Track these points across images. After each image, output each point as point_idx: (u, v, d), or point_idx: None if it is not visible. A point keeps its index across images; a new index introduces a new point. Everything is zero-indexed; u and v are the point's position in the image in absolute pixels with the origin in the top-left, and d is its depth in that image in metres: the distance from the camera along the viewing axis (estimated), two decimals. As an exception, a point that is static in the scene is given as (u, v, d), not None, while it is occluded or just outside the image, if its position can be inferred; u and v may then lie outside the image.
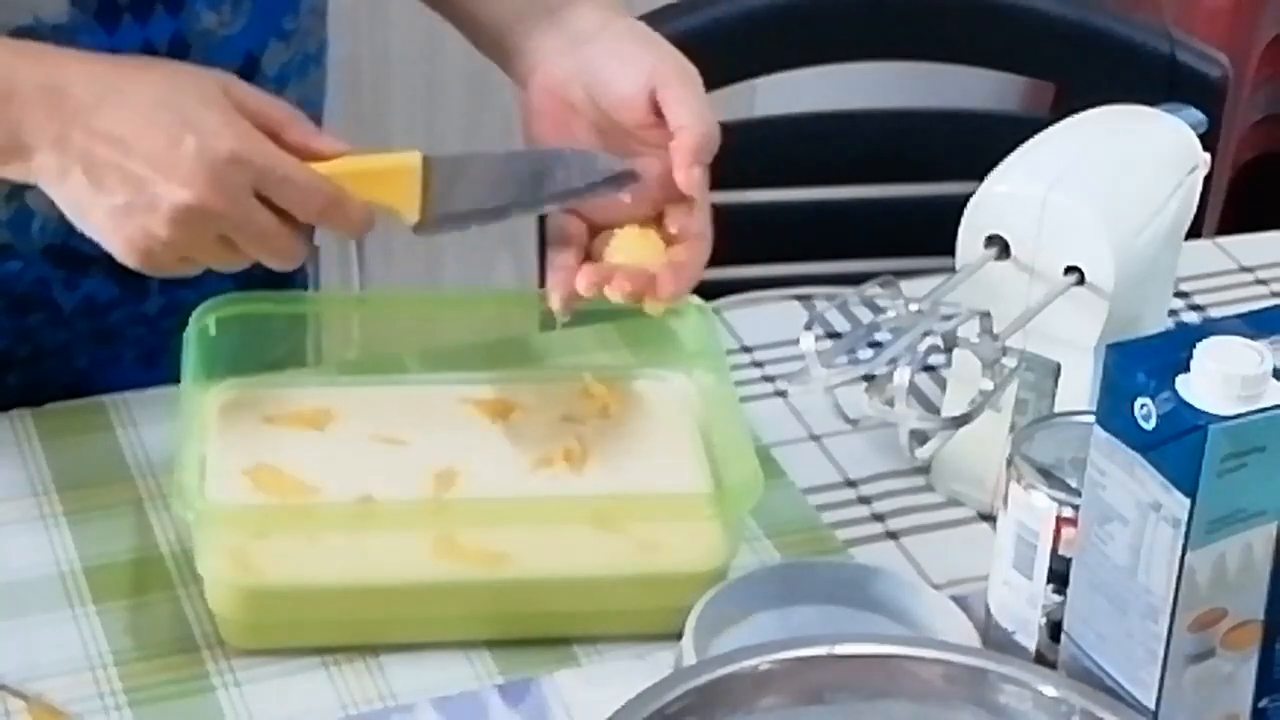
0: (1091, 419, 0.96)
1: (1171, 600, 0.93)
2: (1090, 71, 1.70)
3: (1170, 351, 0.92)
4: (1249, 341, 0.92)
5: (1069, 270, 1.14)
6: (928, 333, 1.12)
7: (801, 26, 1.70)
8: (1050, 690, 0.93)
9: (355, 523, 1.11)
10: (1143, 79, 1.69)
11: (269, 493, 1.13)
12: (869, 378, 1.12)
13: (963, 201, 1.17)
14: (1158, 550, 0.93)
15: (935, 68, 1.74)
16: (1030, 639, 1.06)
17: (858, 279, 1.20)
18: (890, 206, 1.78)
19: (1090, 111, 1.25)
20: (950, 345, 1.14)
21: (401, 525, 1.11)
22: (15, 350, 1.30)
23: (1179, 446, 0.90)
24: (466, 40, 1.29)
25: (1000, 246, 1.16)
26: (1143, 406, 0.92)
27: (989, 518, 1.19)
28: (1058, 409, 1.16)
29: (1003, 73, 1.84)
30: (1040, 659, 1.05)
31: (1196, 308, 1.42)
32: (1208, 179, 1.26)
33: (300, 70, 1.31)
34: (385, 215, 1.11)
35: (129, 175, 1.06)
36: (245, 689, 1.08)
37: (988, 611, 1.08)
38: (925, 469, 1.23)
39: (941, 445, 1.15)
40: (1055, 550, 1.03)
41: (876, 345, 1.16)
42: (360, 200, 1.10)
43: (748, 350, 1.35)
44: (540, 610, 1.12)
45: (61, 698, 1.06)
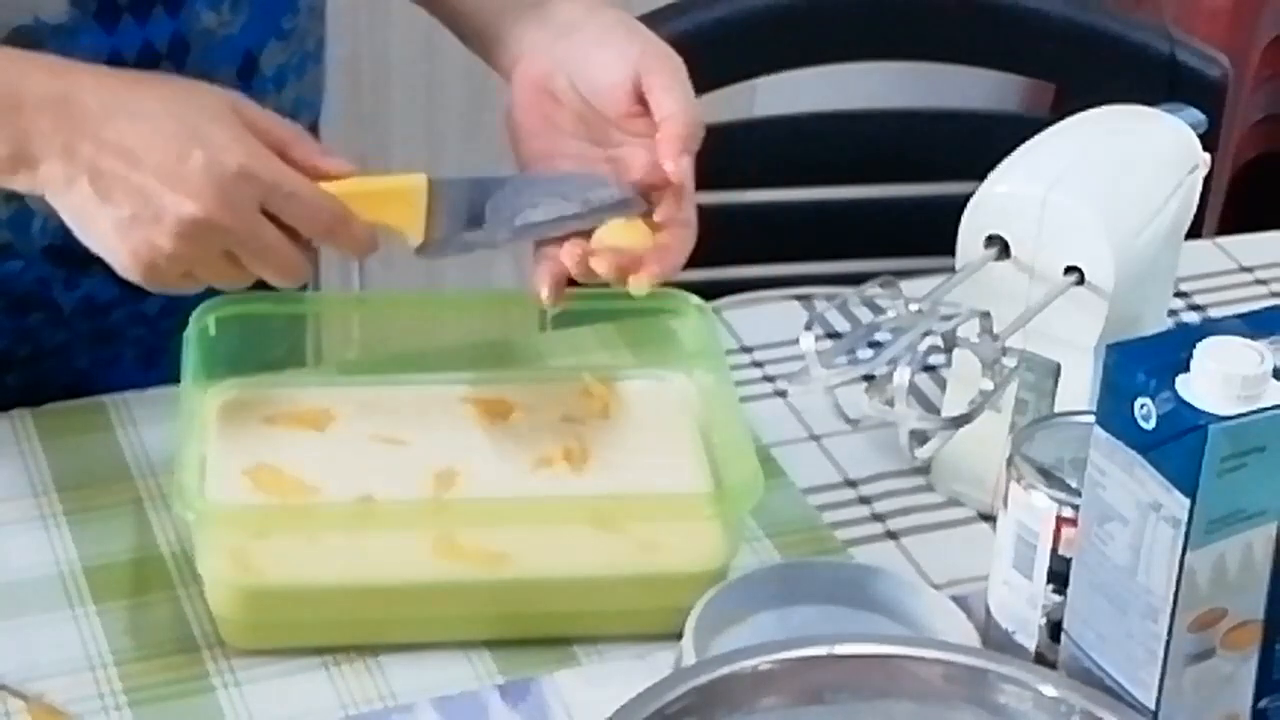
0: (1091, 419, 0.96)
1: (1171, 600, 0.93)
2: (1090, 71, 1.70)
3: (1170, 351, 0.92)
4: (1249, 341, 0.92)
5: (1069, 270, 1.14)
6: (928, 333, 1.12)
7: (801, 26, 1.70)
8: (1050, 690, 0.93)
9: (355, 523, 1.11)
10: (1143, 79, 1.69)
11: (269, 493, 1.13)
12: (869, 378, 1.12)
13: (963, 201, 1.17)
14: (1158, 550, 0.93)
15: (935, 68, 1.74)
16: (1030, 639, 1.05)
17: (858, 279, 1.20)
18: (890, 206, 1.78)
19: (1090, 111, 1.25)
20: (950, 345, 1.14)
21: (401, 525, 1.11)
22: (15, 350, 1.30)
23: (1179, 446, 0.90)
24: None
25: (1000, 246, 1.16)
26: (1143, 406, 0.92)
27: (989, 518, 1.19)
28: (1058, 409, 1.16)
29: (1003, 73, 1.84)
30: (1040, 659, 1.04)
31: (1196, 308, 1.42)
32: (1208, 179, 1.26)
33: (299, 69, 1.31)
34: (389, 236, 1.12)
35: (136, 187, 1.05)
36: (245, 689, 1.08)
37: (988, 611, 1.08)
38: (925, 469, 1.23)
39: (941, 445, 1.15)
40: (1055, 550, 1.03)
41: (876, 345, 1.16)
42: (365, 220, 1.10)
43: (748, 350, 1.35)
44: (540, 610, 1.12)
45: (61, 698, 1.06)
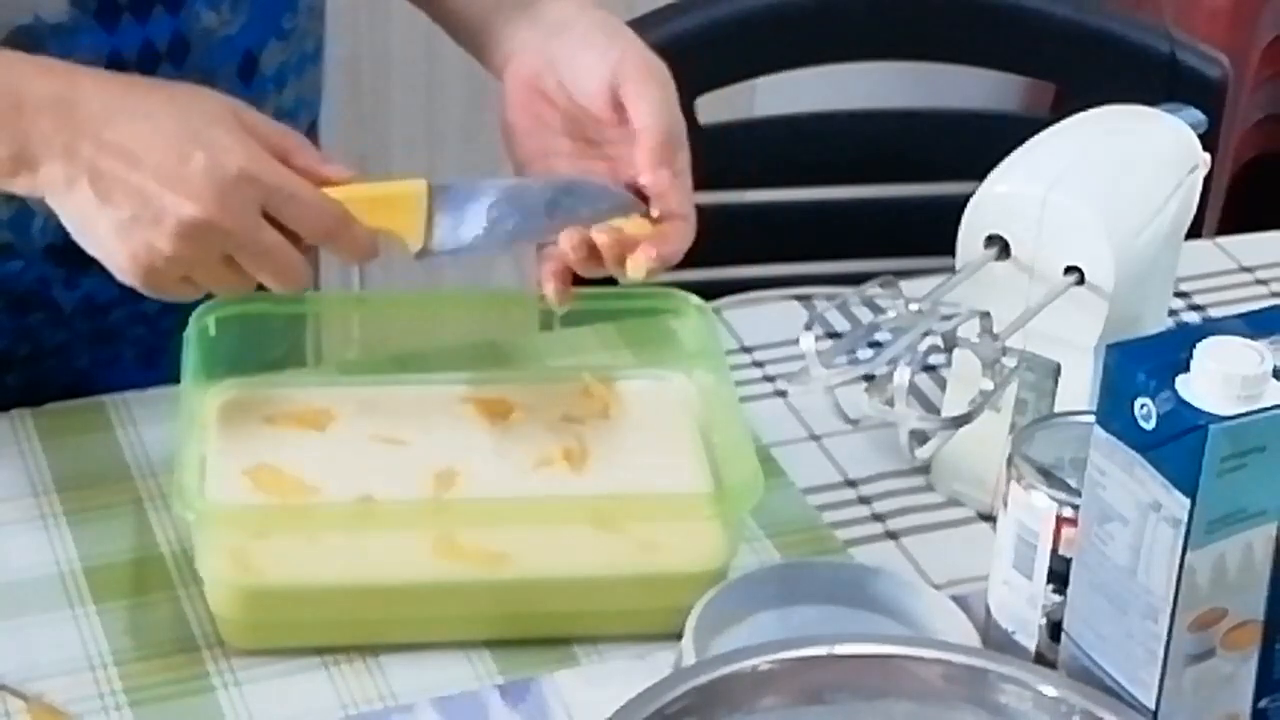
0: (1091, 419, 0.96)
1: (1171, 600, 0.93)
2: (1090, 71, 1.70)
3: (1170, 351, 0.92)
4: (1249, 341, 0.92)
5: (1069, 270, 1.14)
6: (928, 333, 1.12)
7: (801, 26, 1.70)
8: (1050, 690, 0.93)
9: (355, 523, 1.11)
10: (1143, 79, 1.69)
11: (269, 493, 1.13)
12: (869, 378, 1.12)
13: (963, 201, 1.17)
14: (1158, 550, 0.93)
15: (935, 68, 1.74)
16: (1030, 639, 1.05)
17: (858, 279, 1.20)
18: (890, 206, 1.78)
19: (1090, 111, 1.25)
20: (950, 345, 1.14)
21: (401, 525, 1.11)
22: (15, 350, 1.30)
23: (1179, 446, 0.90)
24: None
25: (1000, 246, 1.16)
26: (1143, 406, 0.92)
27: (989, 518, 1.19)
28: (1058, 409, 1.16)
29: (1003, 73, 1.84)
30: (1040, 659, 1.04)
31: (1196, 308, 1.42)
32: (1208, 179, 1.26)
33: (298, 69, 1.31)
34: (389, 241, 1.12)
35: (136, 188, 1.05)
36: (245, 689, 1.08)
37: (988, 611, 1.08)
38: (925, 469, 1.23)
39: (941, 445, 1.15)
40: (1055, 550, 1.03)
41: (876, 345, 1.16)
42: (366, 225, 1.10)
43: (748, 350, 1.35)
44: (540, 610, 1.12)
45: (61, 698, 1.06)
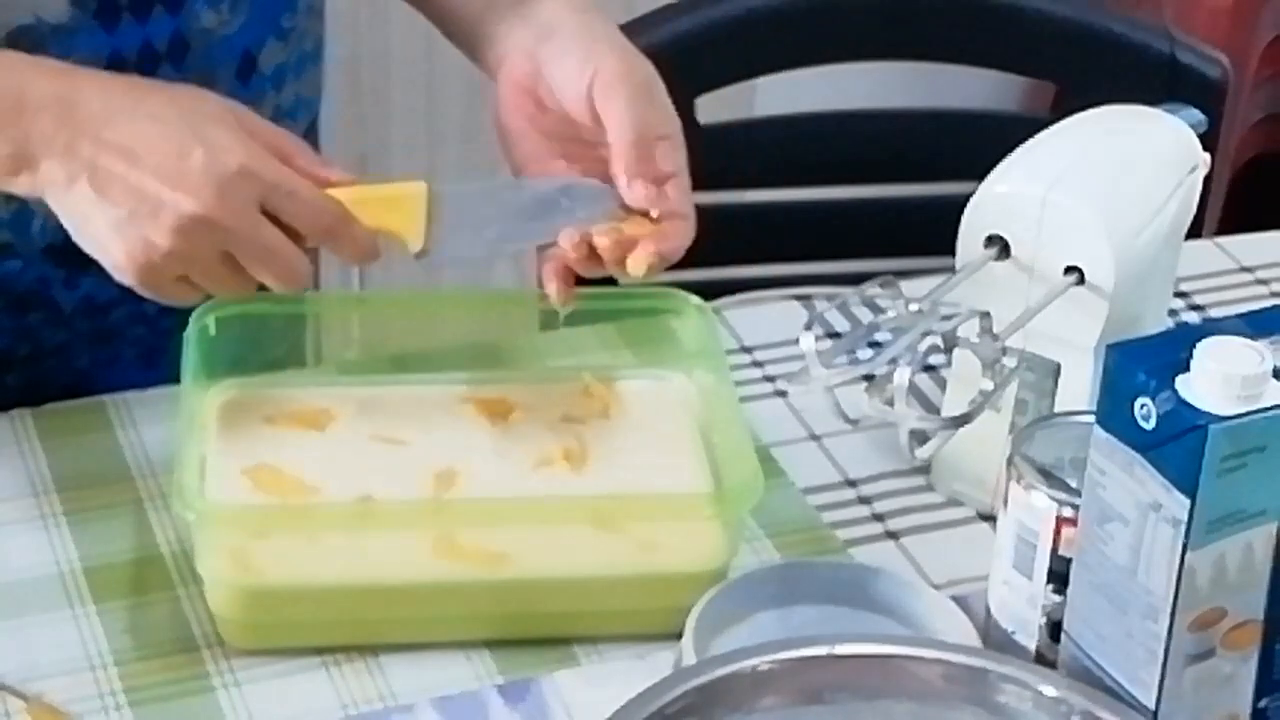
0: (1091, 419, 0.96)
1: (1171, 600, 0.93)
2: (1090, 71, 1.70)
3: (1170, 351, 0.92)
4: (1249, 341, 0.92)
5: (1069, 270, 1.14)
6: (928, 333, 1.12)
7: (801, 26, 1.70)
8: (1050, 690, 0.93)
9: (355, 523, 1.11)
10: (1143, 79, 1.69)
11: (269, 493, 1.13)
12: (869, 378, 1.12)
13: (963, 201, 1.17)
14: (1158, 550, 0.93)
15: (935, 68, 1.74)
16: (1030, 639, 1.05)
17: (858, 279, 1.20)
18: (890, 206, 1.78)
19: (1090, 111, 1.25)
20: (950, 345, 1.14)
21: (401, 525, 1.11)
22: (15, 350, 1.30)
23: (1179, 446, 0.90)
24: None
25: (1000, 246, 1.16)
26: (1143, 406, 0.92)
27: (989, 518, 1.19)
28: (1058, 409, 1.16)
29: (1003, 73, 1.84)
30: (1040, 659, 1.04)
31: (1196, 308, 1.42)
32: (1208, 179, 1.26)
33: (297, 69, 1.31)
34: (389, 242, 1.11)
35: (134, 186, 1.05)
36: (245, 689, 1.08)
37: (988, 611, 1.08)
38: (925, 469, 1.23)
39: (941, 445, 1.15)
40: (1055, 550, 1.03)
41: (876, 345, 1.16)
42: (366, 225, 1.10)
43: (748, 350, 1.35)
44: (540, 610, 1.12)
45: (61, 698, 1.06)
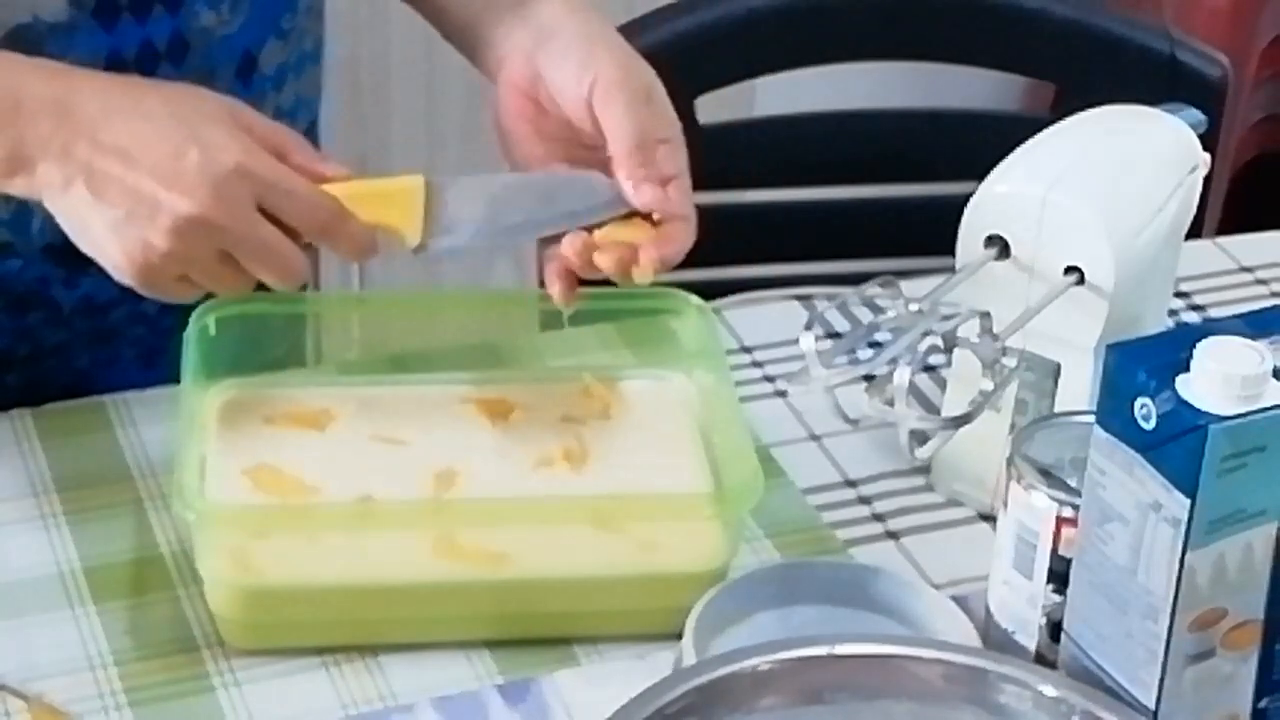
0: (1091, 419, 0.96)
1: (1171, 600, 0.93)
2: (1090, 71, 1.70)
3: (1170, 351, 0.92)
4: (1249, 341, 0.92)
5: (1069, 270, 1.14)
6: (928, 333, 1.12)
7: (801, 26, 1.70)
8: (1050, 690, 0.93)
9: (355, 523, 1.11)
10: (1143, 79, 1.69)
11: (269, 493, 1.13)
12: (869, 378, 1.12)
13: (963, 201, 1.17)
14: (1158, 550, 0.93)
15: (935, 68, 1.74)
16: (1030, 639, 1.05)
17: (858, 279, 1.20)
18: (890, 206, 1.78)
19: (1090, 111, 1.25)
20: (950, 345, 1.14)
21: (401, 525, 1.11)
22: (15, 349, 1.30)
23: (1179, 446, 0.90)
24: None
25: (1000, 246, 1.16)
26: (1143, 406, 0.92)
27: (989, 518, 1.19)
28: (1058, 409, 1.16)
29: (1003, 73, 1.84)
30: (1040, 659, 1.04)
31: (1196, 308, 1.42)
32: (1208, 179, 1.26)
33: (297, 69, 1.31)
34: (387, 237, 1.11)
35: (131, 187, 1.05)
36: (245, 689, 1.07)
37: (988, 611, 1.08)
38: (925, 469, 1.23)
39: (941, 445, 1.15)
40: (1055, 550, 1.03)
41: (876, 345, 1.16)
42: (363, 221, 1.10)
43: (748, 350, 1.35)
44: (540, 610, 1.12)
45: (61, 698, 1.06)
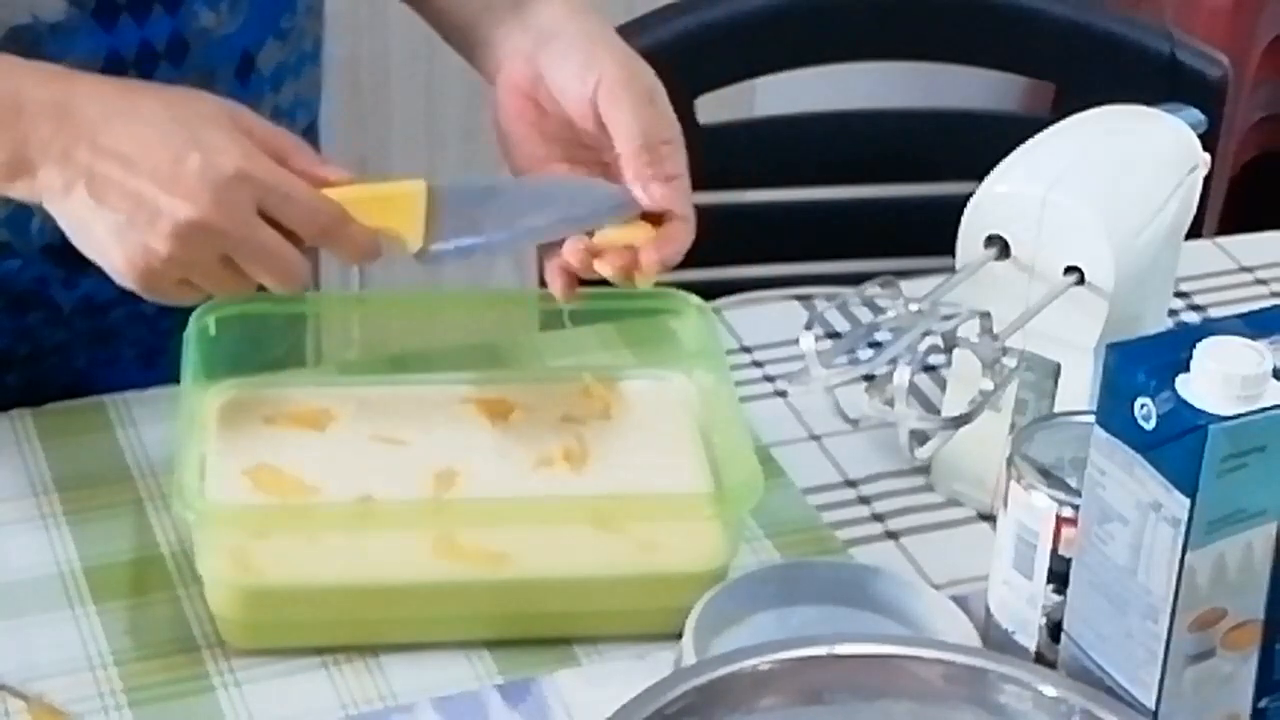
0: (1091, 419, 0.96)
1: (1171, 600, 0.93)
2: (1090, 71, 1.70)
3: (1170, 351, 0.92)
4: (1249, 341, 0.92)
5: (1069, 270, 1.14)
6: (928, 333, 1.12)
7: (801, 26, 1.70)
8: (1050, 690, 0.93)
9: (355, 523, 1.11)
10: (1143, 79, 1.69)
11: (269, 493, 1.13)
12: (869, 378, 1.12)
13: (963, 201, 1.17)
14: (1158, 550, 0.93)
15: (935, 68, 1.74)
16: (1030, 639, 1.05)
17: (858, 279, 1.20)
18: (890, 206, 1.78)
19: (1090, 111, 1.25)
20: (950, 345, 1.14)
21: (401, 525, 1.11)
22: (14, 349, 1.30)
23: (1179, 446, 0.90)
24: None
25: (1000, 246, 1.16)
26: (1143, 406, 0.92)
27: (989, 518, 1.19)
28: (1058, 409, 1.16)
29: (1003, 73, 1.84)
30: (1040, 659, 1.04)
31: (1196, 308, 1.42)
32: (1208, 179, 1.26)
33: (296, 69, 1.31)
34: (389, 241, 1.11)
35: (131, 191, 1.05)
36: (245, 689, 1.08)
37: (988, 611, 1.08)
38: (925, 469, 1.23)
39: (941, 445, 1.15)
40: (1055, 550, 1.03)
41: (876, 345, 1.16)
42: (364, 225, 1.10)
43: (748, 350, 1.35)
44: (540, 610, 1.12)
45: (61, 698, 1.06)
